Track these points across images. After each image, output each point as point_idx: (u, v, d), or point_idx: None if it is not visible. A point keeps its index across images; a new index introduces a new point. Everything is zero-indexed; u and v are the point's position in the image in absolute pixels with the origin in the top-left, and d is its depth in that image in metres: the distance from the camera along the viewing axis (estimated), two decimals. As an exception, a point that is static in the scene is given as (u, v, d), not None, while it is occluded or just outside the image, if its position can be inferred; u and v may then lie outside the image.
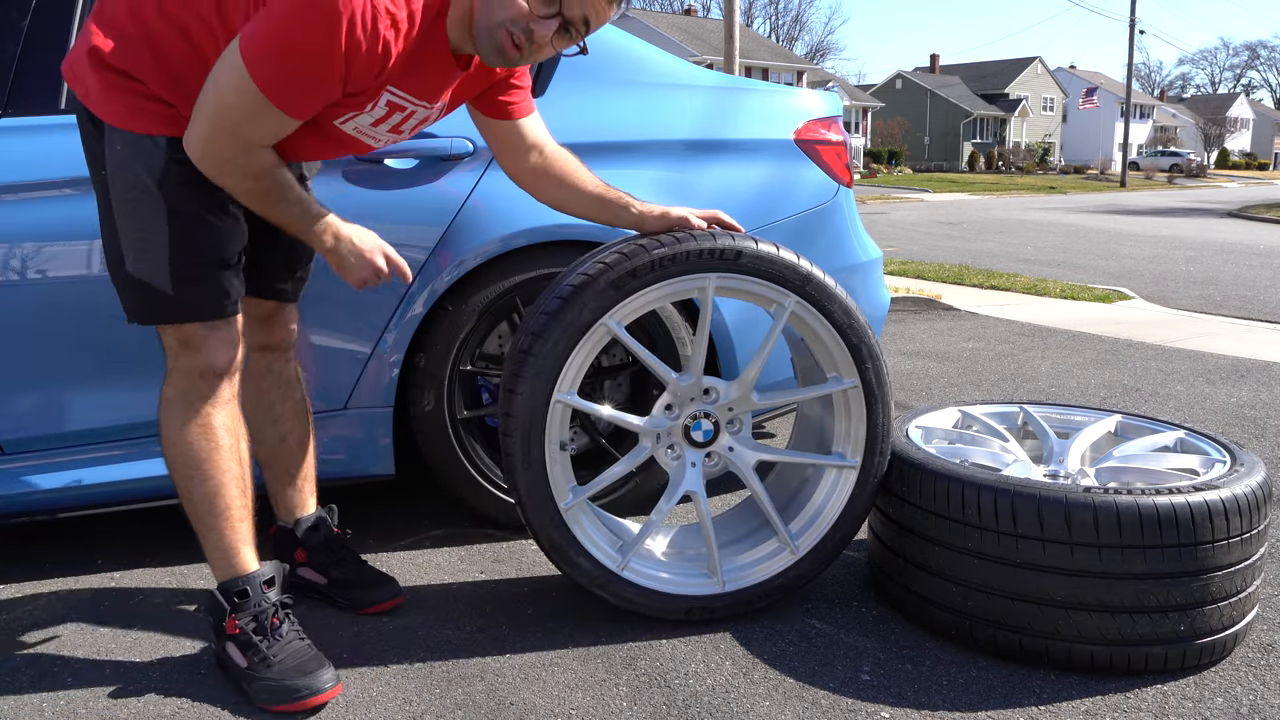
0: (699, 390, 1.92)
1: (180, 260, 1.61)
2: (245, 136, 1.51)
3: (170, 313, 1.64)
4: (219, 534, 1.69)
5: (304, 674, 1.65)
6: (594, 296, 1.77)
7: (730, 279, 1.82)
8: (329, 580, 2.01)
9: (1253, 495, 1.73)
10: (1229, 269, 8.62)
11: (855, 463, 1.93)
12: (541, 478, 1.81)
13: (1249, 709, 1.63)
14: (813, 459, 1.98)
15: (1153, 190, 31.42)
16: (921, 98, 53.12)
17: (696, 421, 1.92)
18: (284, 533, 2.02)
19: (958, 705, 1.65)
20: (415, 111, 1.65)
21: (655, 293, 1.81)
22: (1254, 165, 63.24)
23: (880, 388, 1.91)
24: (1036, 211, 18.20)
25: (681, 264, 1.79)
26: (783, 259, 1.83)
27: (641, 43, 2.51)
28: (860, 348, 1.89)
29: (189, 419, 1.65)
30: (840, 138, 2.57)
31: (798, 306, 1.86)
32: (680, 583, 1.92)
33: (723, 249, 1.80)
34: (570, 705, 1.66)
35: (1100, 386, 4.03)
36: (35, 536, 2.39)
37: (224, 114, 1.49)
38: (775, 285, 1.84)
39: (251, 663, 1.67)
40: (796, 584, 1.96)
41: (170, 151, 1.57)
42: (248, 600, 1.69)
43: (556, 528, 1.84)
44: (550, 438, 1.81)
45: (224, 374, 1.67)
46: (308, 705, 1.63)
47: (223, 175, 1.55)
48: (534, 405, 1.78)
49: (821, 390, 1.94)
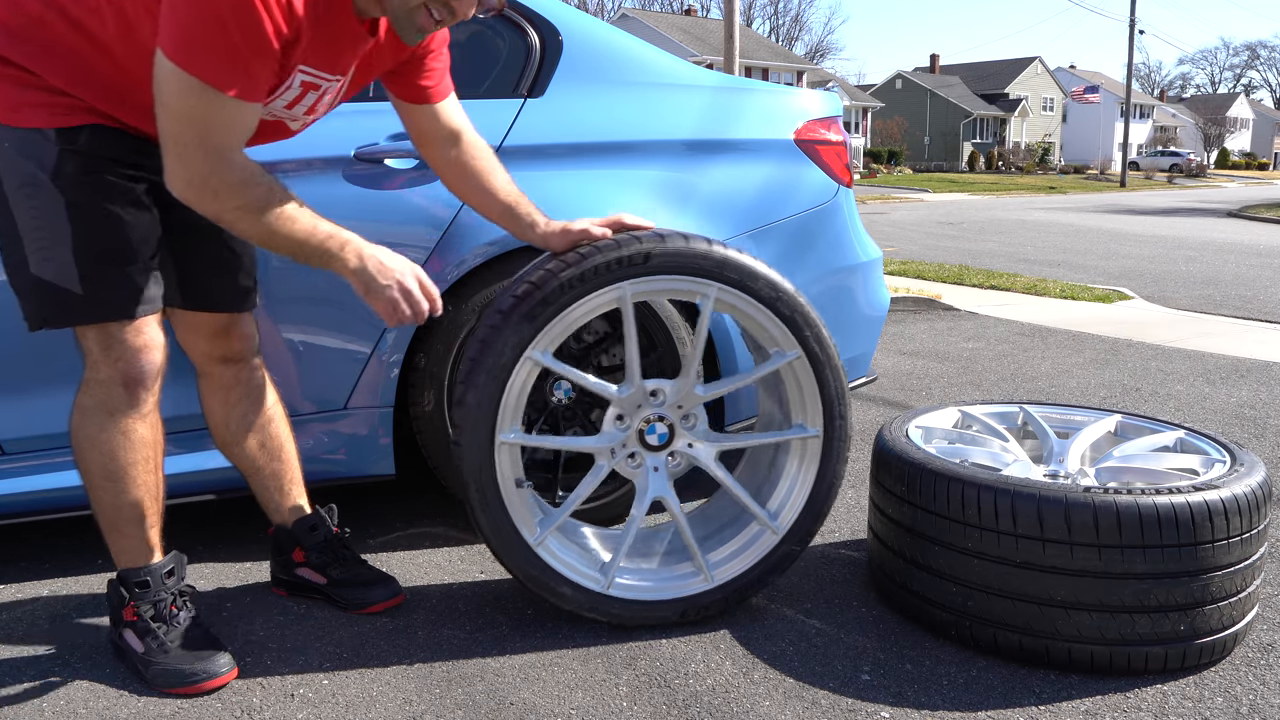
0: (645, 396, 1.89)
1: (85, 256, 1.56)
2: (218, 144, 1.46)
3: (82, 313, 1.58)
4: (128, 537, 1.71)
5: (199, 659, 1.69)
6: (512, 334, 1.75)
7: (645, 282, 1.79)
8: (328, 580, 2.01)
9: (1252, 495, 1.73)
10: (1229, 269, 8.62)
11: (816, 431, 1.92)
12: (504, 518, 1.80)
13: (1249, 709, 1.63)
14: (773, 437, 1.97)
15: (1153, 190, 31.42)
16: (921, 98, 53.12)
17: (650, 425, 1.91)
18: (282, 532, 2.02)
19: (958, 705, 1.65)
20: (328, 87, 1.62)
21: (574, 313, 1.78)
22: (1254, 165, 63.23)
23: (824, 352, 1.88)
24: (1036, 211, 18.20)
25: (591, 280, 1.76)
26: (693, 250, 1.79)
27: (641, 43, 2.51)
28: (794, 318, 1.86)
29: (108, 429, 1.63)
30: (840, 138, 2.57)
31: (721, 293, 1.83)
32: (667, 587, 1.91)
33: (629, 255, 1.77)
34: (570, 705, 1.66)
35: (1100, 386, 4.03)
36: (35, 536, 2.39)
37: (184, 128, 1.43)
38: (693, 278, 1.81)
39: (149, 648, 1.70)
40: (784, 563, 1.94)
41: (61, 143, 1.53)
42: (148, 590, 1.73)
43: (530, 563, 1.83)
44: (503, 478, 1.80)
45: (145, 382, 1.64)
46: (203, 688, 1.67)
47: (215, 201, 1.49)
48: (479, 453, 1.77)
49: (767, 368, 1.91)
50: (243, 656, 1.80)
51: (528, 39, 2.34)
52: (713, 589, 1.91)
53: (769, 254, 2.41)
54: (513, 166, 2.23)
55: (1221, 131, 65.73)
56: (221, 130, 1.46)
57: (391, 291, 1.58)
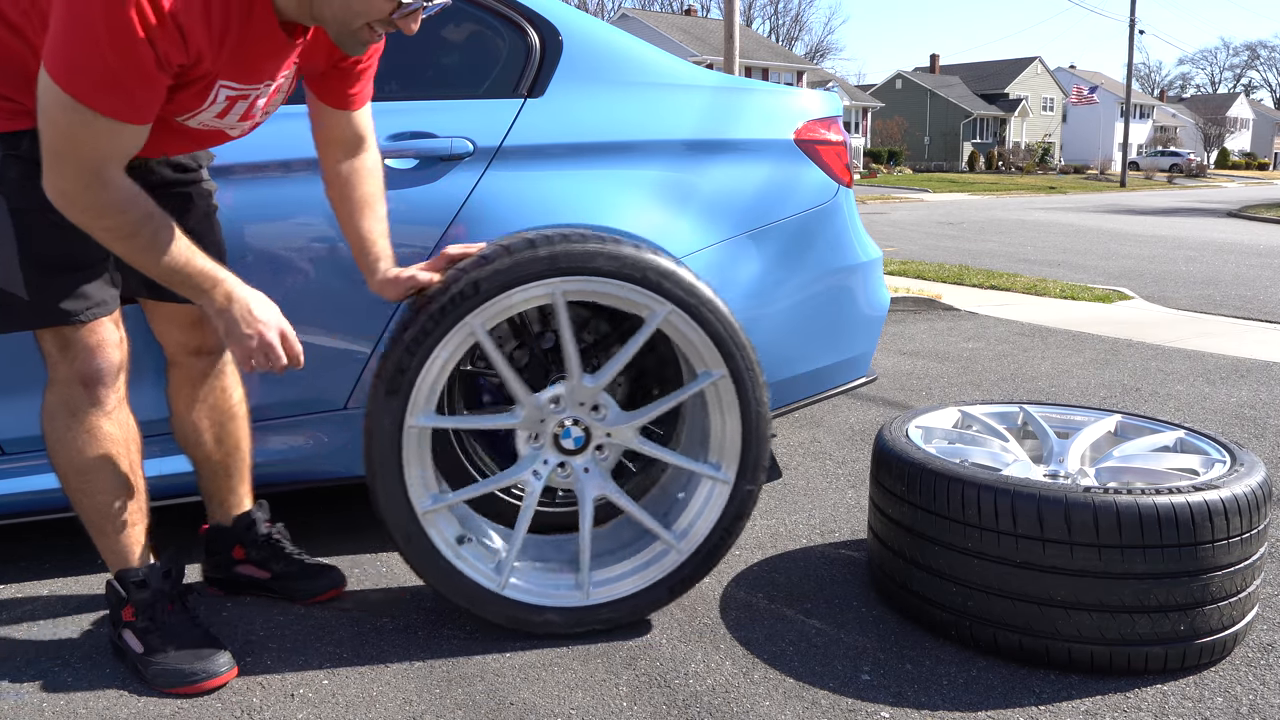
0: (544, 408, 1.87)
1: (31, 261, 1.55)
2: (92, 161, 1.42)
3: (29, 319, 1.58)
4: (114, 539, 1.71)
5: (199, 658, 1.69)
6: (385, 408, 1.75)
7: (487, 308, 1.77)
8: (272, 574, 2.02)
9: (1252, 495, 1.73)
10: (1229, 269, 8.62)
11: (720, 373, 1.85)
12: (456, 577, 1.83)
13: (1249, 709, 1.63)
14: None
15: (1153, 190, 31.42)
16: (921, 98, 53.11)
17: (565, 430, 1.89)
18: (219, 531, 2.01)
19: (958, 705, 1.65)
20: (257, 96, 1.59)
21: (440, 358, 1.76)
22: (1254, 165, 63.24)
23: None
24: (1036, 211, 18.20)
25: (436, 328, 1.74)
26: (518, 261, 1.75)
27: (641, 43, 2.50)
28: (658, 283, 1.80)
29: (73, 428, 1.63)
30: (840, 138, 2.57)
31: (562, 296, 1.81)
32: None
33: (459, 292, 1.74)
34: (570, 705, 1.66)
35: (1100, 386, 4.03)
36: (35, 536, 2.39)
37: (59, 142, 1.40)
38: (538, 281, 1.77)
39: (148, 648, 1.70)
40: (738, 520, 1.90)
41: (4, 148, 1.52)
42: (146, 589, 1.73)
43: (499, 606, 1.85)
44: (441, 537, 1.83)
45: (104, 380, 1.64)
46: (203, 688, 1.67)
47: (85, 216, 1.46)
48: (402, 521, 1.80)
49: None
50: (243, 656, 1.80)
51: (528, 39, 2.34)
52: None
53: (769, 254, 2.41)
54: (512, 167, 2.24)
55: (1221, 131, 65.73)
56: (96, 149, 1.42)
57: (250, 342, 1.58)
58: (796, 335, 2.50)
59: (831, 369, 2.62)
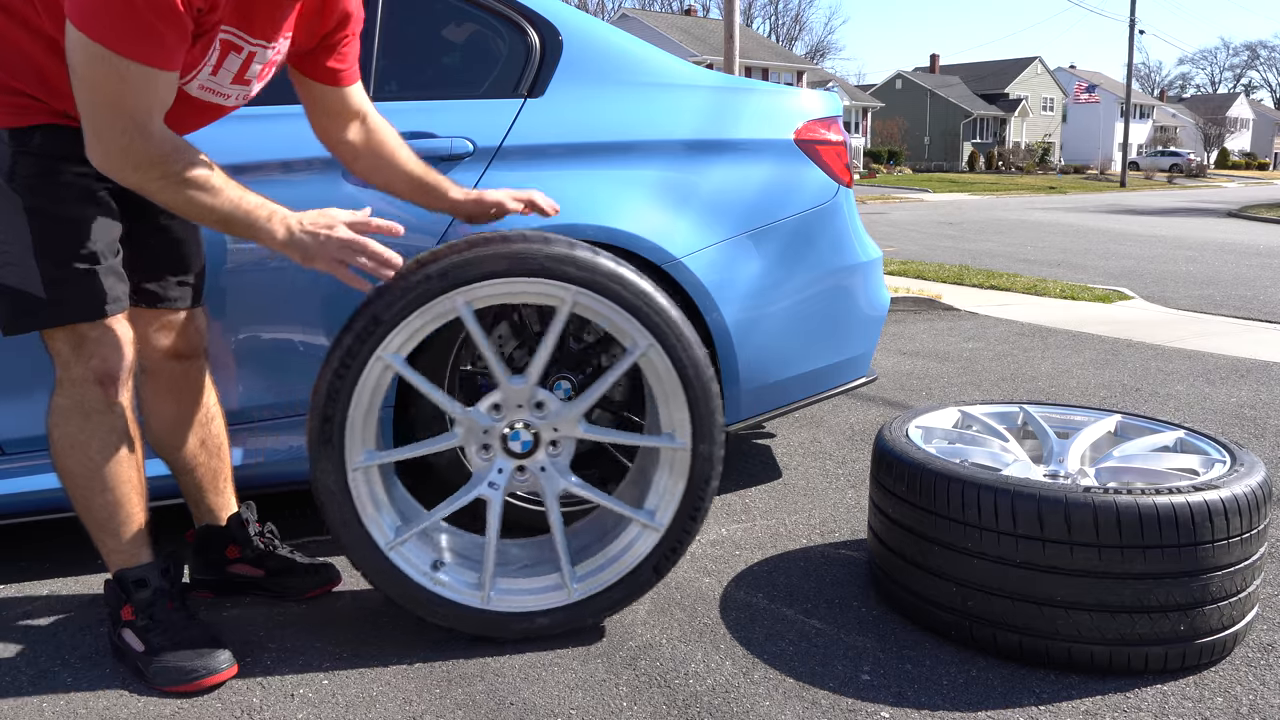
0: (486, 418, 1.84)
1: (48, 260, 1.54)
2: (133, 114, 1.42)
3: (49, 317, 1.58)
4: (118, 538, 1.71)
5: (199, 656, 1.69)
6: (324, 460, 1.73)
7: (392, 338, 1.74)
8: (266, 572, 2.02)
9: (1252, 495, 1.73)
10: (1229, 269, 8.62)
11: (646, 343, 1.79)
12: (436, 602, 1.82)
13: (1249, 709, 1.63)
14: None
15: (1153, 190, 31.42)
16: (921, 98, 53.11)
17: (514, 432, 1.85)
18: (210, 532, 2.01)
19: (958, 705, 1.65)
20: (254, 53, 1.59)
21: (363, 400, 1.75)
22: (1254, 165, 63.24)
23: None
24: (1036, 211, 18.20)
25: (348, 371, 1.72)
26: (409, 284, 1.71)
27: (641, 43, 2.51)
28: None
29: (86, 429, 1.63)
30: (840, 138, 2.57)
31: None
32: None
33: (362, 328, 1.71)
34: (570, 705, 1.66)
35: (1100, 386, 4.03)
36: (35, 536, 2.39)
37: (97, 97, 1.40)
38: (438, 299, 1.73)
39: (148, 646, 1.70)
40: (706, 484, 1.85)
41: (14, 144, 1.51)
42: (146, 588, 1.73)
43: (486, 621, 1.84)
44: (413, 566, 1.82)
45: (120, 378, 1.64)
46: (203, 685, 1.68)
47: (136, 173, 1.46)
48: (371, 561, 1.79)
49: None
50: (243, 656, 1.80)
51: (528, 39, 2.34)
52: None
53: (769, 254, 2.41)
54: (512, 167, 2.24)
55: (1221, 131, 65.73)
56: (135, 99, 1.41)
57: (332, 249, 1.58)
58: (796, 335, 2.50)
59: (831, 369, 2.62)
